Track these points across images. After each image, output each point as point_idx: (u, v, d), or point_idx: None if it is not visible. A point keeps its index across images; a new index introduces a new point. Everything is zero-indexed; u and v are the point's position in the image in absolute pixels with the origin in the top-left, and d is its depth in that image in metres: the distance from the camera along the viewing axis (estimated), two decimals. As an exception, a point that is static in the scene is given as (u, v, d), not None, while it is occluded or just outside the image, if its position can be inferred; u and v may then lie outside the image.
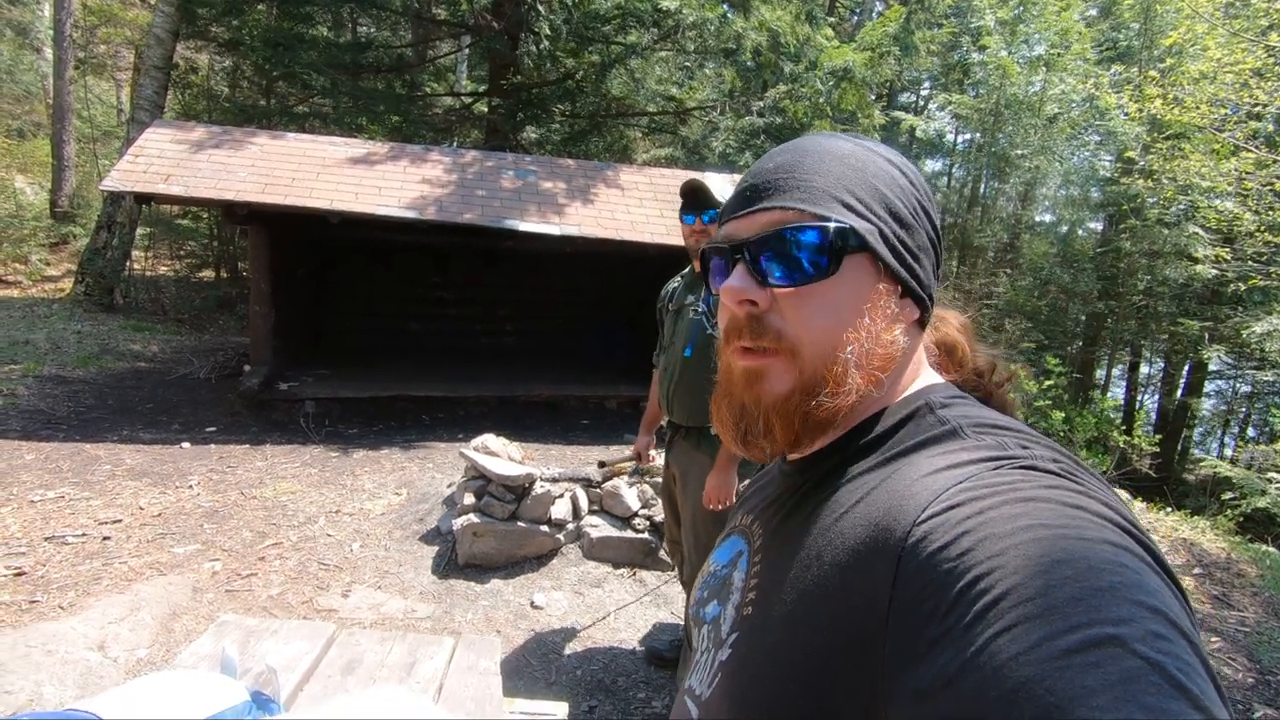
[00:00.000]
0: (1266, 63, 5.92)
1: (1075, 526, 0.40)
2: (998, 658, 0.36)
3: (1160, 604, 0.36)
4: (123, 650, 2.56)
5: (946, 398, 0.57)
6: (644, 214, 6.44)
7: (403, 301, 8.68)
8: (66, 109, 12.22)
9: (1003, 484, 0.44)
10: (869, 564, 0.46)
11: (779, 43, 9.57)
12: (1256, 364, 9.56)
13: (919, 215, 0.59)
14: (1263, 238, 6.59)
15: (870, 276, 0.56)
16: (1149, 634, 0.34)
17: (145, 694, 1.00)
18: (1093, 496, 0.43)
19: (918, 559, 0.43)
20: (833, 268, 0.55)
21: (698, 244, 2.25)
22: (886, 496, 0.49)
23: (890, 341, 0.56)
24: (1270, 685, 3.02)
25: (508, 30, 9.29)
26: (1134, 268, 11.60)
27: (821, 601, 0.49)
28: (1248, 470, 6.66)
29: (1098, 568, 0.37)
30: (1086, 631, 0.34)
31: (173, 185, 5.25)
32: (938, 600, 0.40)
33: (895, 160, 0.61)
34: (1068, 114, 11.77)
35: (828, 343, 0.55)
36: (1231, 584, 4.00)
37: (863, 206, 0.56)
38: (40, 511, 3.70)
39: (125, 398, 6.02)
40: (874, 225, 0.56)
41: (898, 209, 0.58)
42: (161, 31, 9.13)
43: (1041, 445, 0.49)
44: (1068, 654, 0.34)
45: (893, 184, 0.58)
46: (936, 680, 0.38)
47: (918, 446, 0.52)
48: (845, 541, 0.50)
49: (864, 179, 0.58)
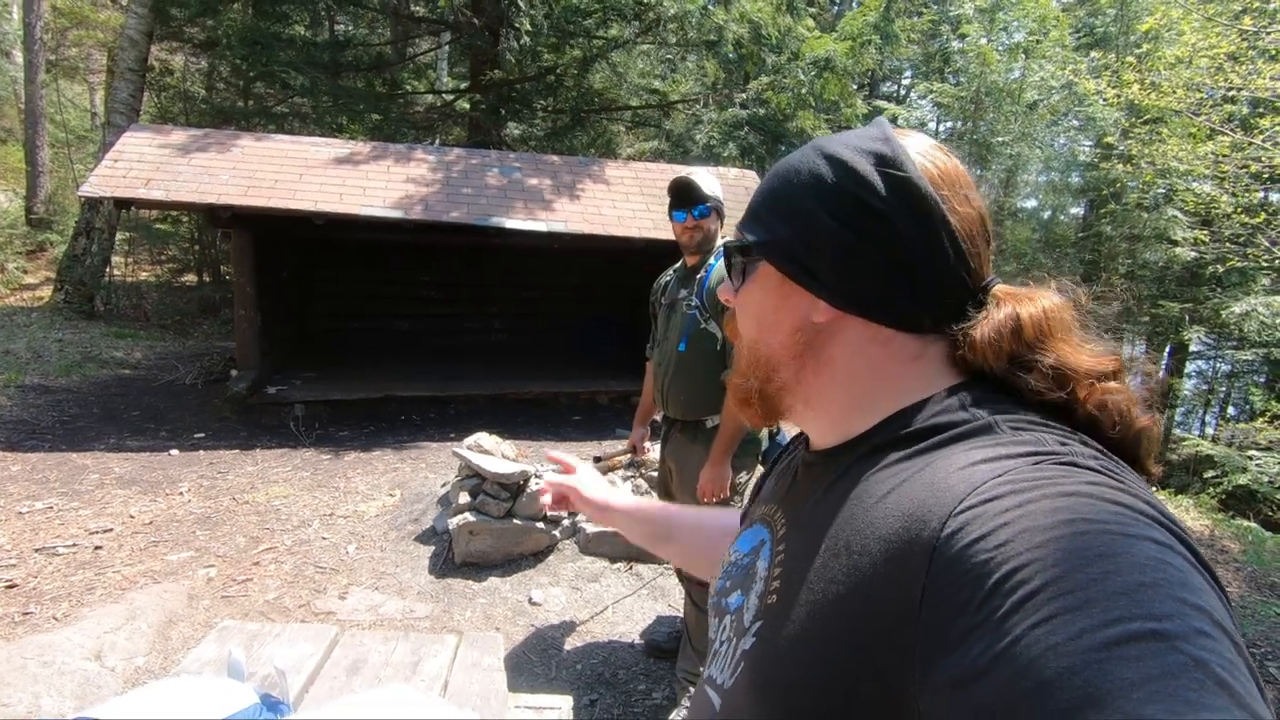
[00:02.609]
0: (1240, 46, 5.99)
1: (1118, 523, 0.39)
2: (1035, 648, 0.35)
3: (1204, 603, 0.36)
4: (120, 659, 2.55)
5: (978, 395, 0.55)
6: (630, 209, 6.43)
7: (390, 301, 8.63)
8: (39, 114, 12.00)
9: (1043, 478, 0.43)
10: (902, 554, 0.46)
11: (760, 34, 9.57)
12: (1236, 344, 9.73)
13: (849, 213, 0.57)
14: (1239, 219, 6.68)
15: (775, 281, 0.62)
16: (1193, 631, 0.34)
17: (155, 699, 1.00)
18: (1134, 494, 0.43)
19: (953, 550, 0.42)
20: (745, 277, 0.66)
21: (690, 240, 2.25)
22: (921, 488, 0.49)
23: (790, 337, 0.62)
24: (1254, 659, 3.10)
25: (488, 26, 9.23)
26: (1115, 252, 11.75)
27: (850, 591, 0.49)
28: (1228, 448, 6.79)
29: (1141, 563, 0.37)
30: (1128, 625, 0.34)
31: (153, 190, 5.18)
32: (973, 591, 0.40)
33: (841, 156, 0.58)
34: (1047, 100, 11.87)
35: (749, 336, 0.66)
36: (1214, 560, 4.09)
37: (773, 218, 0.62)
38: (29, 523, 3.66)
39: (111, 406, 5.95)
40: (769, 236, 0.62)
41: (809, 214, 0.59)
42: (135, 33, 8.99)
43: (1079, 442, 0.49)
44: (1108, 646, 0.33)
45: (814, 187, 0.59)
46: (971, 670, 0.37)
47: (953, 440, 0.52)
48: (876, 531, 0.49)
49: (786, 189, 0.62)
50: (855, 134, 0.62)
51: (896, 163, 0.57)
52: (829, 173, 0.59)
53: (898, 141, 0.59)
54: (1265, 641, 3.22)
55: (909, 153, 0.58)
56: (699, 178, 2.23)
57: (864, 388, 0.59)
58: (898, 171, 0.57)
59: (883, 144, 0.58)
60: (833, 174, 0.58)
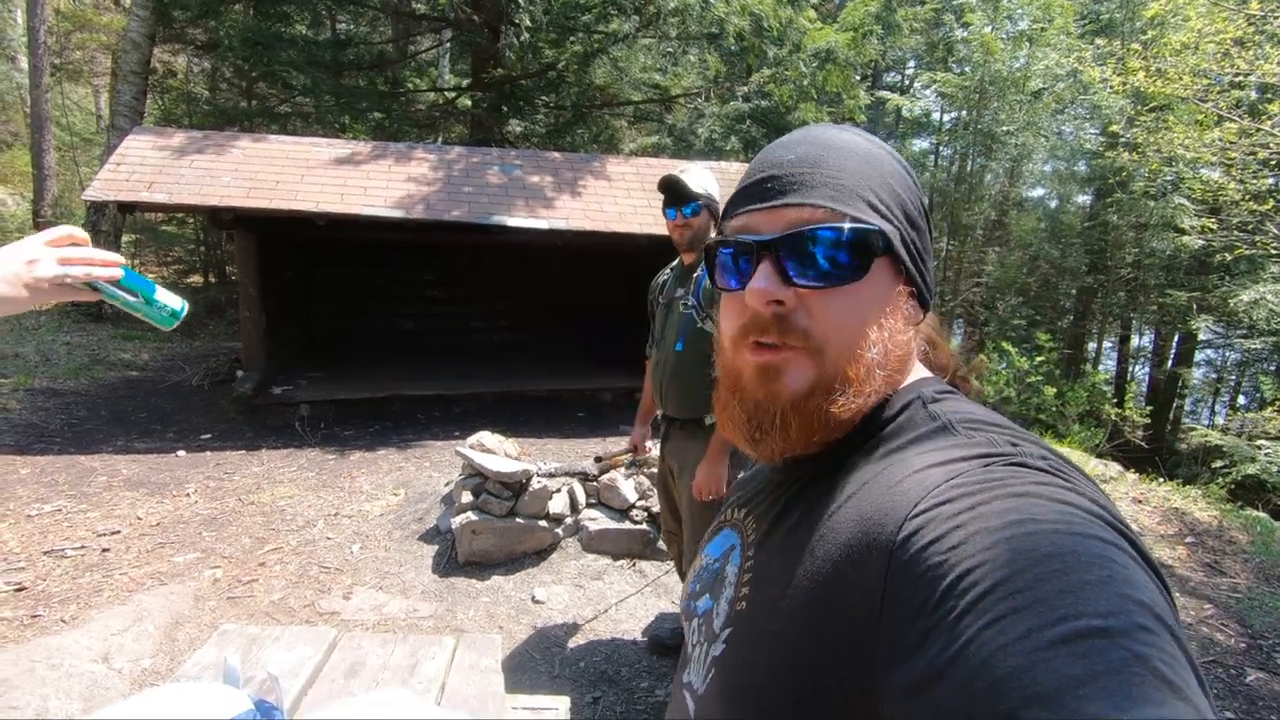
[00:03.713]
0: (1247, 31, 5.92)
1: (1065, 521, 0.40)
2: (985, 649, 0.36)
3: (1147, 598, 0.37)
4: (127, 661, 2.58)
5: (937, 393, 0.57)
6: (632, 204, 6.42)
7: (394, 300, 8.65)
8: (45, 117, 12.06)
9: (993, 480, 0.45)
10: (862, 559, 0.47)
11: (762, 26, 9.51)
12: (1245, 332, 9.64)
13: (924, 215, 0.61)
14: (1247, 206, 6.61)
15: (891, 278, 0.57)
16: (1135, 626, 0.35)
17: (150, 707, 1.01)
18: (1081, 493, 0.44)
19: (909, 553, 0.43)
20: (863, 270, 0.55)
21: (680, 238, 2.24)
22: (878, 492, 0.50)
23: (906, 342, 0.58)
24: (1261, 649, 3.08)
25: (488, 23, 9.21)
26: (1122, 241, 11.66)
27: (815, 597, 0.49)
28: (1237, 438, 6.74)
29: (1086, 562, 0.38)
30: (1074, 623, 0.35)
31: (156, 193, 5.21)
32: (929, 593, 0.41)
33: (899, 158, 0.61)
34: (1052, 89, 11.77)
35: (853, 343, 0.55)
36: (1223, 551, 4.06)
37: (885, 208, 0.57)
38: (38, 525, 3.69)
39: (118, 408, 6.00)
40: (895, 228, 0.57)
41: (910, 210, 0.59)
42: (137, 35, 9.02)
43: (1030, 443, 0.50)
44: (1055, 645, 0.34)
45: (905, 184, 0.59)
46: (928, 672, 0.38)
47: (910, 443, 0.53)
48: (838, 537, 0.50)
49: (883, 179, 0.58)
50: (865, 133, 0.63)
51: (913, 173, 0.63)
52: (902, 171, 0.60)
53: None
54: (1272, 632, 3.19)
55: None
56: (690, 175, 2.20)
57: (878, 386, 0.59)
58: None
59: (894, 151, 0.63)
60: (904, 172, 0.60)
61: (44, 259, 0.94)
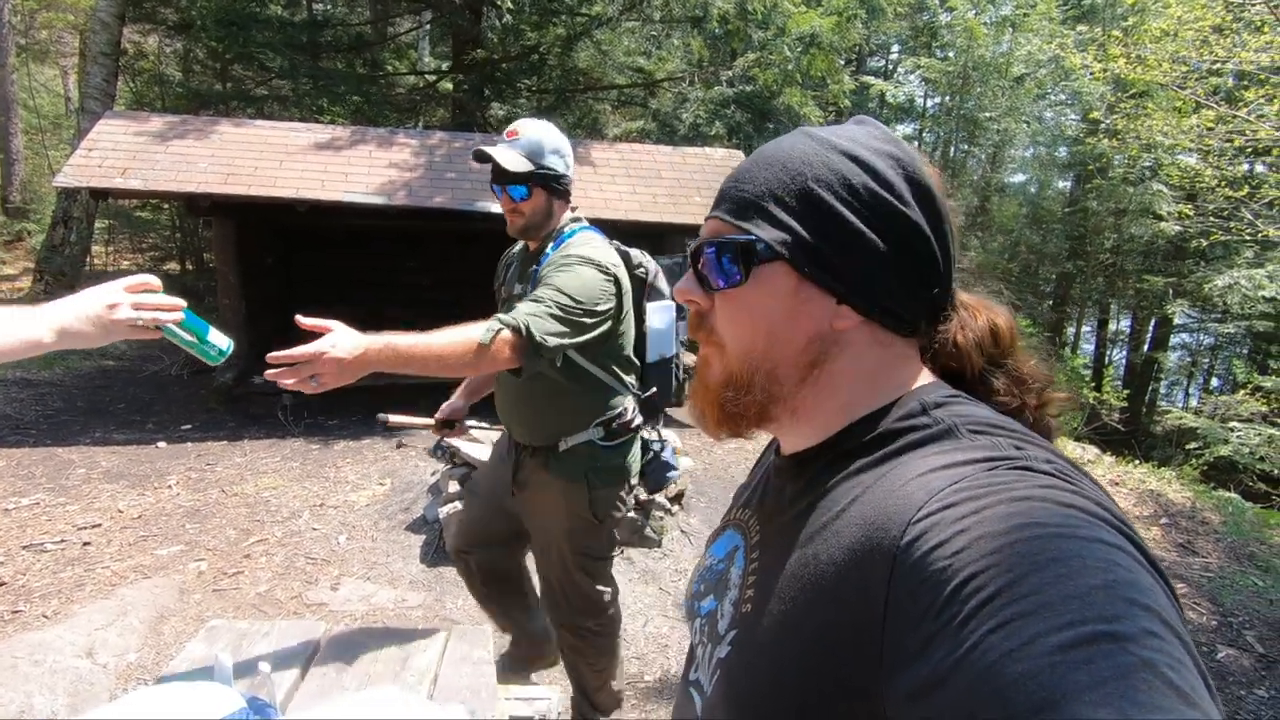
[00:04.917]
0: (1225, 19, 5.97)
1: (1069, 525, 0.40)
2: (990, 654, 0.36)
3: (1153, 602, 0.37)
4: (112, 656, 2.55)
5: (942, 397, 0.56)
6: (616, 191, 6.38)
7: (378, 287, 8.54)
8: (10, 100, 11.73)
9: (998, 484, 0.44)
10: (865, 563, 0.47)
11: (746, 9, 9.45)
12: (1219, 317, 9.83)
13: (878, 217, 0.56)
14: (1223, 193, 6.71)
15: (788, 284, 0.57)
16: (1142, 631, 0.35)
17: (142, 706, 1.00)
18: (1086, 496, 0.44)
19: (913, 557, 0.43)
20: (743, 277, 0.58)
21: (514, 224, 1.85)
22: (882, 496, 0.49)
23: (806, 346, 0.58)
24: (1231, 627, 3.17)
25: (469, 4, 9.07)
26: (1101, 227, 11.80)
27: (819, 601, 0.50)
28: (1211, 420, 6.89)
29: (1092, 566, 0.37)
30: (1080, 628, 0.35)
31: (130, 179, 5.09)
32: (933, 598, 0.40)
33: (864, 157, 0.57)
34: (1034, 75, 11.83)
35: (743, 344, 0.60)
36: (1195, 531, 4.17)
37: (785, 215, 0.57)
38: (15, 520, 3.63)
39: (95, 399, 5.90)
40: (789, 235, 0.56)
41: (835, 214, 0.56)
42: (106, 15, 8.77)
43: (1035, 446, 0.50)
44: (1061, 650, 0.34)
45: (837, 187, 0.56)
46: (932, 677, 0.38)
47: (913, 446, 0.52)
48: (841, 541, 0.50)
49: (799, 184, 0.57)
50: (858, 131, 0.61)
51: (914, 168, 0.58)
52: (853, 173, 0.57)
53: (906, 145, 0.60)
54: (1242, 610, 3.29)
55: (917, 157, 0.59)
56: (519, 143, 1.75)
57: (858, 392, 0.58)
58: (919, 178, 0.58)
59: (894, 147, 0.59)
60: (858, 174, 0.57)
61: (123, 304, 1.06)
